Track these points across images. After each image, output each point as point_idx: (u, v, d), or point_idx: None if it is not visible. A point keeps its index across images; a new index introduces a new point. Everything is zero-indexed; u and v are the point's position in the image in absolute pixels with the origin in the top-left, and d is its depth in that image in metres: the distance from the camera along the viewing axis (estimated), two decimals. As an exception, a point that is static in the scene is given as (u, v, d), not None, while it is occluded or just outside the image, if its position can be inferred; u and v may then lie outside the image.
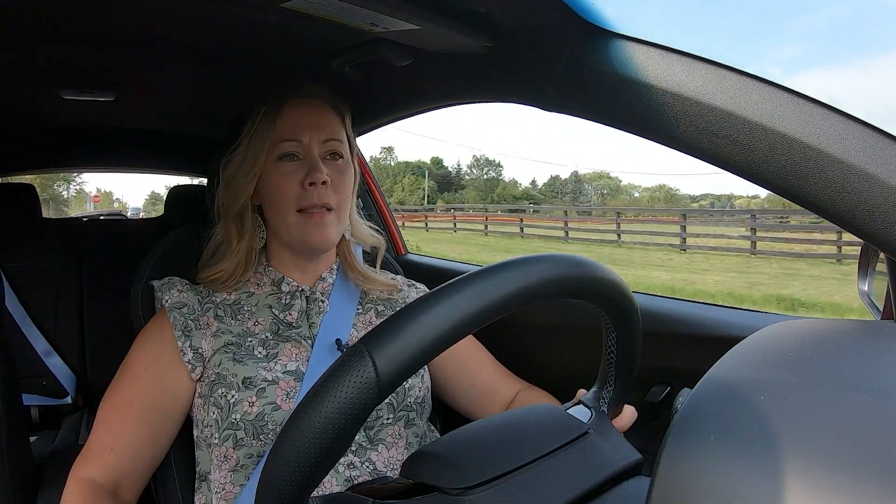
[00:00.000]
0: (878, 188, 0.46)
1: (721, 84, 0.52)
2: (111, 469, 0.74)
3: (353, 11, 0.64)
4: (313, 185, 0.77)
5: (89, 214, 10.22)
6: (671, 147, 0.57)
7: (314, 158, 0.79)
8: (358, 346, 0.36)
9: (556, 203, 51.41)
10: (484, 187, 56.16)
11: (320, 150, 0.81)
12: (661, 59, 0.55)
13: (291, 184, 0.78)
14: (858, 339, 0.43)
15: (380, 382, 0.35)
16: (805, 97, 0.50)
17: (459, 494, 0.43)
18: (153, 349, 0.79)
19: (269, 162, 0.80)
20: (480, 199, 51.25)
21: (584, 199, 55.59)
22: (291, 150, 0.80)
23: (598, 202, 53.97)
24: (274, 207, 0.80)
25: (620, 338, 0.52)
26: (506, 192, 54.82)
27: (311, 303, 0.83)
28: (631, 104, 0.57)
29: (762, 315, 0.88)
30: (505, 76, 0.78)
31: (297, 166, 0.79)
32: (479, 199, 51.17)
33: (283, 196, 0.79)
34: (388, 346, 0.36)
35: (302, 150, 0.80)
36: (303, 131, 0.80)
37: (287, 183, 0.78)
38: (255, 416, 0.72)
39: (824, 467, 0.29)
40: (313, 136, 0.80)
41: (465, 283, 0.39)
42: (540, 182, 61.43)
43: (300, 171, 0.79)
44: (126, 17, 0.79)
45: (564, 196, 56.68)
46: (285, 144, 0.79)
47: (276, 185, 0.79)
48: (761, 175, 0.52)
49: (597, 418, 0.54)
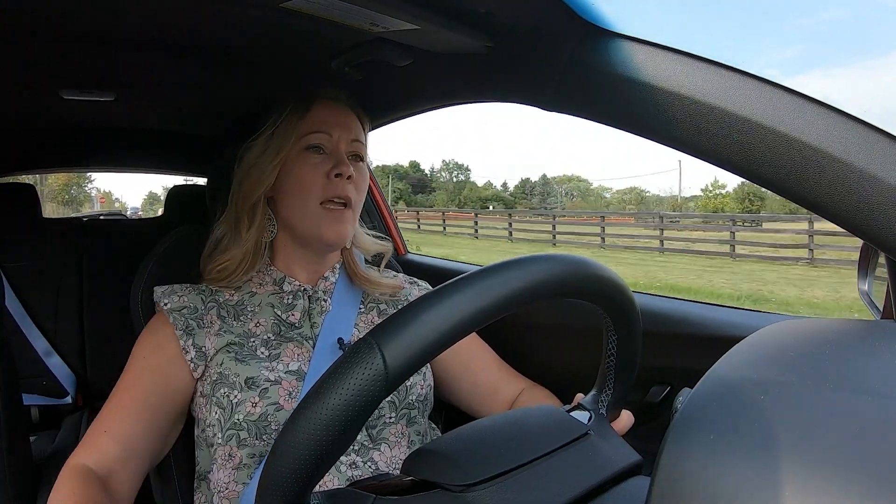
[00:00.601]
0: (878, 188, 0.46)
1: (721, 84, 0.52)
2: (104, 453, 0.71)
3: (353, 11, 0.64)
4: (339, 177, 0.79)
5: (95, 213, 10.25)
6: (671, 147, 0.57)
7: (341, 153, 0.81)
8: (367, 338, 0.36)
9: (525, 205, 53.70)
10: (453, 189, 57.98)
11: (347, 149, 0.82)
12: (661, 59, 0.55)
13: (318, 174, 0.79)
14: (858, 339, 0.43)
15: (388, 375, 0.35)
16: (805, 97, 0.50)
17: (461, 491, 0.43)
18: (155, 343, 0.78)
19: (295, 152, 0.81)
20: (449, 200, 53.45)
21: (552, 200, 57.28)
22: (319, 142, 0.81)
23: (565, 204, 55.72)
24: (295, 197, 0.81)
25: (621, 340, 0.52)
26: (472, 193, 56.55)
27: (314, 302, 0.83)
28: (631, 104, 0.57)
29: (762, 315, 0.88)
30: (505, 76, 0.78)
31: (323, 159, 0.81)
32: (449, 200, 53.41)
33: (308, 185, 0.79)
34: (396, 338, 0.36)
35: (330, 144, 0.81)
36: (332, 127, 0.82)
37: (314, 172, 0.79)
38: (258, 417, 0.72)
39: (824, 467, 0.29)
40: (342, 134, 0.82)
41: (473, 279, 0.39)
42: (511, 185, 63.28)
43: (326, 163, 0.80)
44: (126, 17, 0.79)
45: (532, 198, 58.32)
46: (314, 136, 0.81)
47: (302, 173, 0.80)
48: (761, 175, 0.52)
49: (596, 420, 0.54)
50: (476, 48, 0.72)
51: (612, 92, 0.59)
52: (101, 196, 51.02)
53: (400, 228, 1.64)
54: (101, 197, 50.44)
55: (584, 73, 0.61)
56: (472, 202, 52.77)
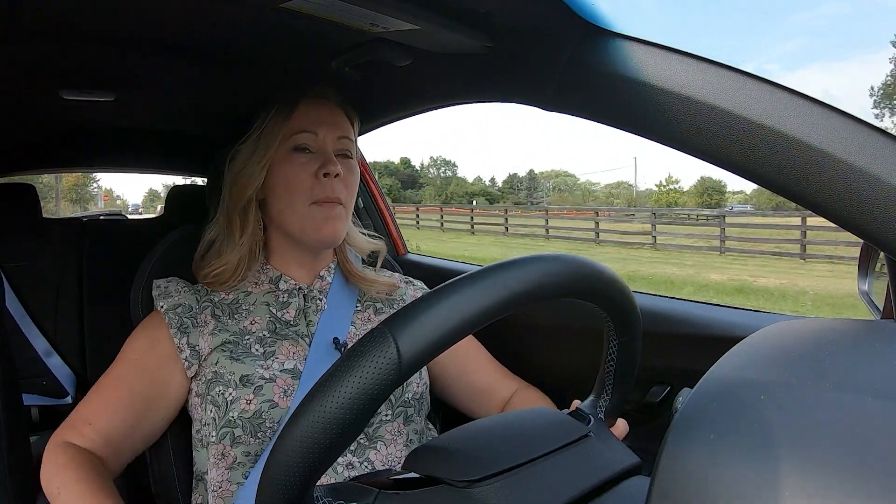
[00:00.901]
0: (878, 188, 0.46)
1: (721, 84, 0.52)
2: (87, 441, 0.73)
3: (353, 11, 0.64)
4: (327, 177, 0.78)
5: (98, 212, 10.33)
6: (671, 147, 0.57)
7: (328, 152, 0.81)
8: (380, 327, 0.37)
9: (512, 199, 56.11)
10: (441, 185, 59.22)
11: (334, 147, 0.82)
12: (661, 59, 0.55)
13: (306, 174, 0.79)
14: (858, 339, 0.43)
15: (401, 364, 0.36)
16: (805, 97, 0.49)
17: (466, 487, 0.43)
18: (148, 340, 0.79)
19: (282, 153, 0.80)
20: (436, 195, 55.28)
21: (538, 195, 59.31)
22: (305, 142, 0.81)
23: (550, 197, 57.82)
24: (284, 198, 0.80)
25: (622, 345, 0.52)
26: (460, 188, 57.75)
27: (309, 301, 0.83)
28: (631, 104, 0.57)
29: (763, 315, 0.88)
30: (505, 76, 0.78)
31: (310, 158, 0.80)
32: (435, 195, 55.36)
33: (297, 186, 0.79)
34: (410, 328, 0.36)
35: (316, 144, 0.81)
36: (318, 126, 0.81)
37: (302, 173, 0.79)
38: (252, 414, 0.72)
39: (824, 467, 0.29)
40: (329, 132, 0.82)
41: (486, 274, 0.40)
42: (499, 180, 65.11)
43: (314, 162, 0.80)
44: (126, 17, 0.78)
45: (520, 192, 60.15)
46: (300, 136, 0.80)
47: (290, 174, 0.79)
48: (761, 175, 0.52)
49: (595, 424, 0.54)
50: (476, 48, 0.72)
51: (612, 92, 0.59)
52: (104, 194, 52.60)
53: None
54: (104, 195, 51.99)
55: (584, 73, 0.61)
56: (458, 197, 54.14)
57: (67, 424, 0.75)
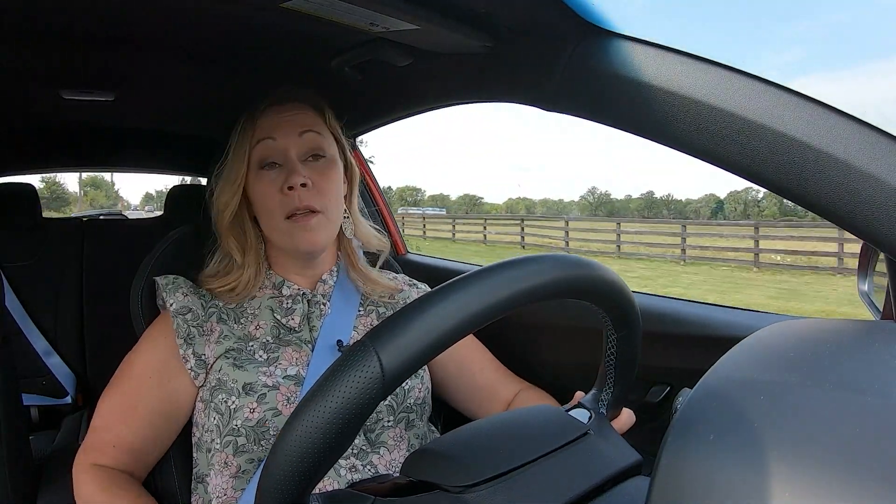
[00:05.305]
0: (879, 188, 0.46)
1: (721, 84, 0.52)
2: (115, 462, 0.75)
3: (353, 11, 0.64)
4: (292, 189, 0.77)
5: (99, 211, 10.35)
6: (671, 147, 0.57)
7: (292, 161, 0.79)
8: (363, 341, 0.36)
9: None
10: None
11: (299, 151, 0.80)
12: (661, 59, 0.55)
13: (273, 191, 0.78)
14: (858, 339, 0.43)
15: (384, 378, 0.35)
16: (805, 97, 0.50)
17: (461, 492, 0.43)
18: (159, 354, 0.79)
19: (252, 172, 0.80)
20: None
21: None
22: (268, 155, 0.79)
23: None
24: (263, 216, 0.81)
25: (621, 339, 0.52)
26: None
27: (313, 306, 0.83)
28: (631, 104, 0.57)
29: (762, 315, 0.88)
30: (505, 76, 0.78)
31: (278, 173, 0.79)
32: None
33: (268, 204, 0.79)
34: (392, 341, 0.36)
35: (279, 154, 0.79)
36: (276, 130, 0.80)
37: (269, 191, 0.79)
38: (256, 423, 0.72)
39: (823, 467, 0.29)
40: (289, 132, 0.80)
41: (469, 280, 0.39)
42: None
43: (280, 177, 0.79)
44: (126, 17, 0.79)
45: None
46: (260, 147, 0.79)
47: (260, 193, 0.80)
48: (761, 175, 0.52)
49: (596, 420, 0.54)
50: (476, 48, 0.72)
51: (612, 92, 0.59)
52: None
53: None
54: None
55: (584, 73, 0.61)
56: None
57: (91, 448, 0.76)
